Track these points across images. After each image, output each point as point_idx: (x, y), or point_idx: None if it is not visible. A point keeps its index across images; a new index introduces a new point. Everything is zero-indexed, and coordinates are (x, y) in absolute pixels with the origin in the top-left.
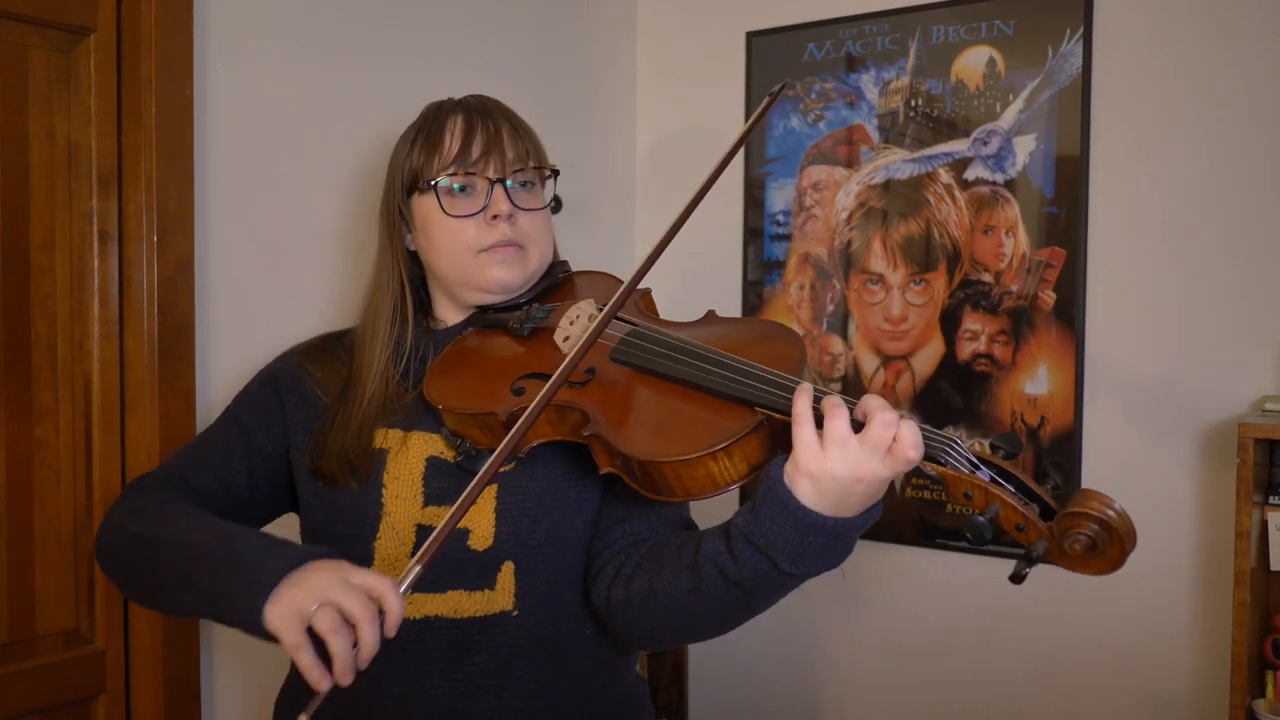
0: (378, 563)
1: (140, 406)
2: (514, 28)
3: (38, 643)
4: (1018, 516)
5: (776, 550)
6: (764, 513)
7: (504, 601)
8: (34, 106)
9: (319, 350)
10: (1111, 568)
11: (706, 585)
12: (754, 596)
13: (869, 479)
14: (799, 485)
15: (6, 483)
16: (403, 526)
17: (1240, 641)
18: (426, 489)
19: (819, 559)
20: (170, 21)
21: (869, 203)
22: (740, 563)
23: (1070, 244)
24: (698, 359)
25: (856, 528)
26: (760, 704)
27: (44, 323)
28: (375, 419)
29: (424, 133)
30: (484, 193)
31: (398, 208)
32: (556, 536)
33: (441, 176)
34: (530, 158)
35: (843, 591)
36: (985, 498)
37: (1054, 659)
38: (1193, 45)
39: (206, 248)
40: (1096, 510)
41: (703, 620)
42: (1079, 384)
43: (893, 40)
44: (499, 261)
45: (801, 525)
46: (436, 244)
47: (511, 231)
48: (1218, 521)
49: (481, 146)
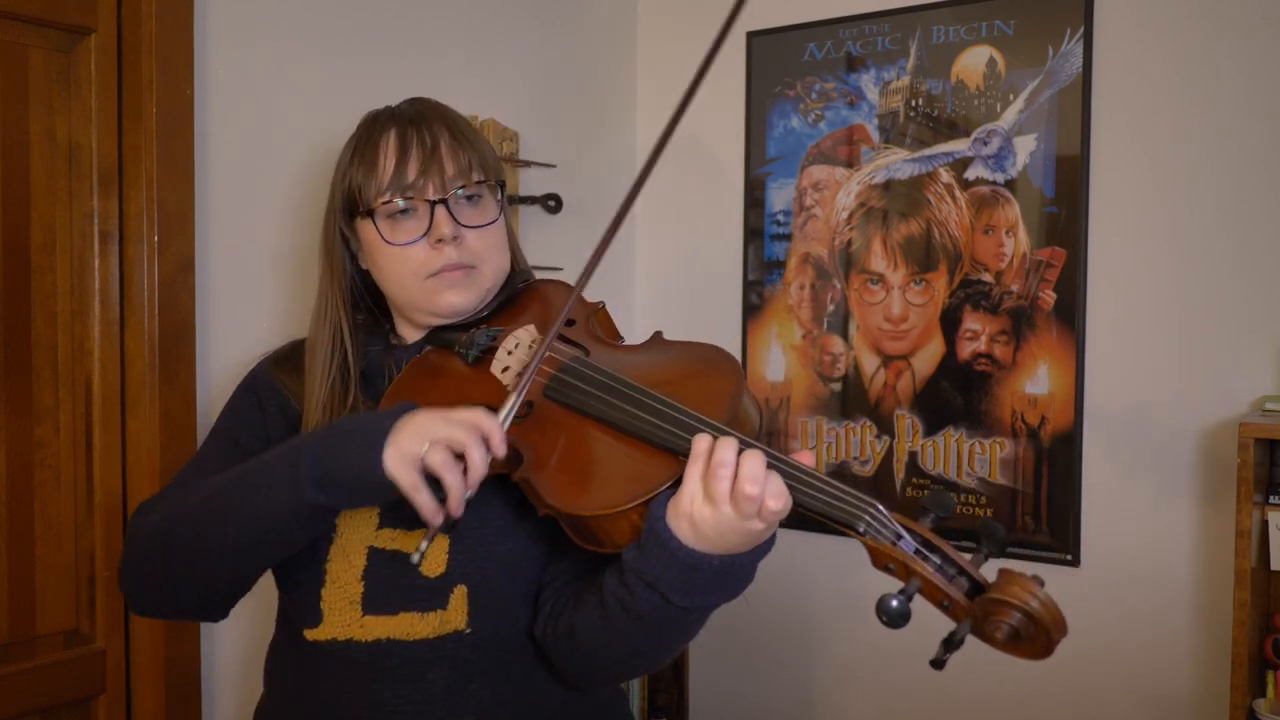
0: (329, 583)
1: (140, 406)
2: (514, 28)
3: (38, 643)
4: (940, 595)
5: (665, 586)
6: (649, 550)
7: (457, 621)
8: (34, 106)
9: (288, 360)
10: (1041, 655)
11: (613, 620)
12: (660, 628)
13: (741, 530)
14: (679, 526)
15: (6, 483)
16: (353, 549)
17: (1240, 641)
18: (382, 511)
19: (712, 592)
20: (170, 21)
21: (869, 203)
22: (635, 597)
23: (1070, 244)
24: (627, 401)
25: (745, 562)
26: (760, 704)
27: (44, 323)
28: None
29: (359, 151)
30: (426, 214)
31: (338, 229)
32: (510, 565)
33: (378, 203)
34: (473, 169)
35: (843, 591)
36: (906, 573)
37: (1054, 658)
38: (1193, 45)
39: (206, 248)
40: (1018, 600)
41: (618, 655)
42: (1079, 384)
43: (893, 40)
44: (448, 286)
45: (684, 564)
46: (383, 270)
47: (458, 254)
48: (1218, 521)
49: (418, 166)
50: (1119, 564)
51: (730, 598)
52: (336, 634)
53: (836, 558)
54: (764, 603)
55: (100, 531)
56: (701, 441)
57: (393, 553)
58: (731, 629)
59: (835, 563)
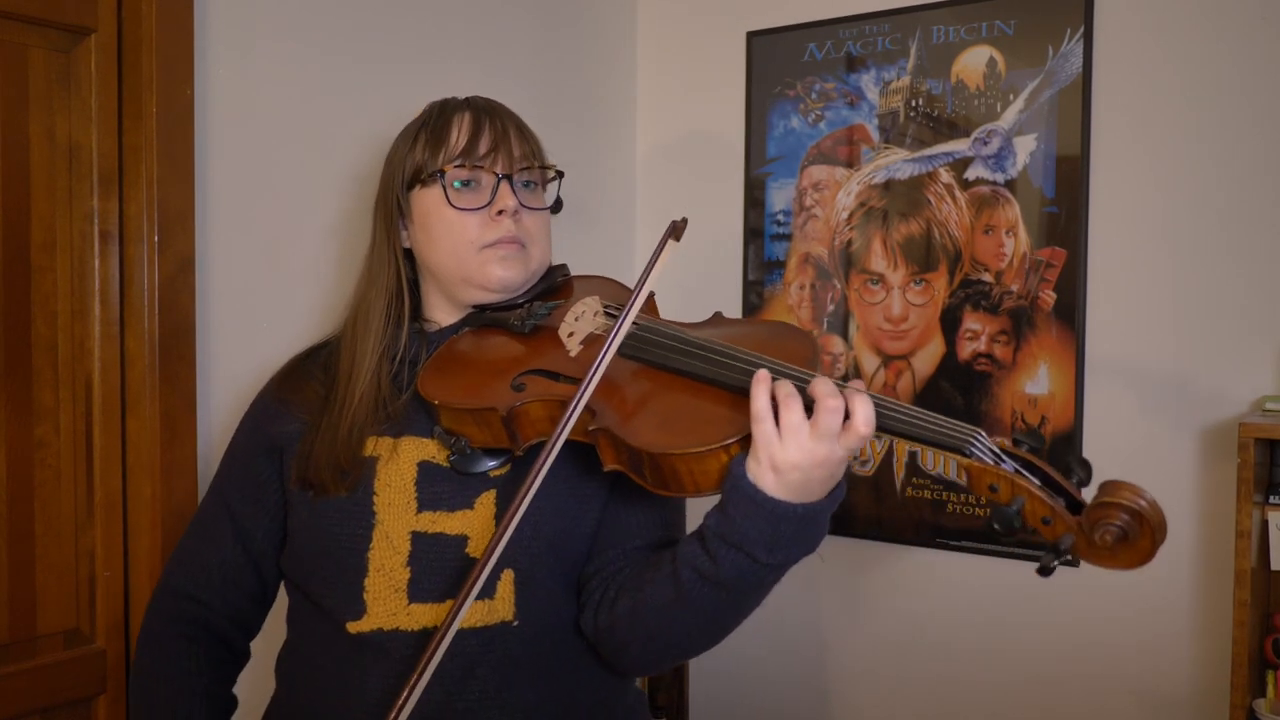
0: (372, 572)
1: (140, 406)
2: (514, 28)
3: (38, 643)
4: (1044, 509)
5: (752, 543)
6: (733, 510)
7: (504, 611)
8: (34, 106)
9: (290, 375)
10: (1141, 561)
11: (688, 591)
12: (737, 594)
13: (826, 462)
14: (763, 478)
15: (6, 483)
16: (396, 534)
17: (1240, 641)
18: (419, 495)
19: (795, 545)
20: (170, 21)
21: (869, 202)
22: (718, 562)
23: (1070, 244)
24: (710, 352)
25: (824, 509)
26: (760, 704)
27: (44, 323)
28: (366, 422)
29: (429, 127)
30: (489, 188)
31: (396, 201)
32: (556, 545)
33: (448, 168)
34: (535, 158)
35: (843, 591)
36: (1012, 489)
37: (1054, 659)
38: (1193, 45)
39: (206, 248)
40: (1128, 500)
41: (689, 630)
42: (1079, 384)
43: (893, 40)
44: (501, 258)
45: (772, 516)
46: (437, 239)
47: (515, 228)
48: (1218, 521)
49: (489, 142)
50: None
51: (808, 551)
52: (382, 624)
53: (838, 557)
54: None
55: (100, 531)
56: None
57: (436, 536)
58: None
59: (836, 562)
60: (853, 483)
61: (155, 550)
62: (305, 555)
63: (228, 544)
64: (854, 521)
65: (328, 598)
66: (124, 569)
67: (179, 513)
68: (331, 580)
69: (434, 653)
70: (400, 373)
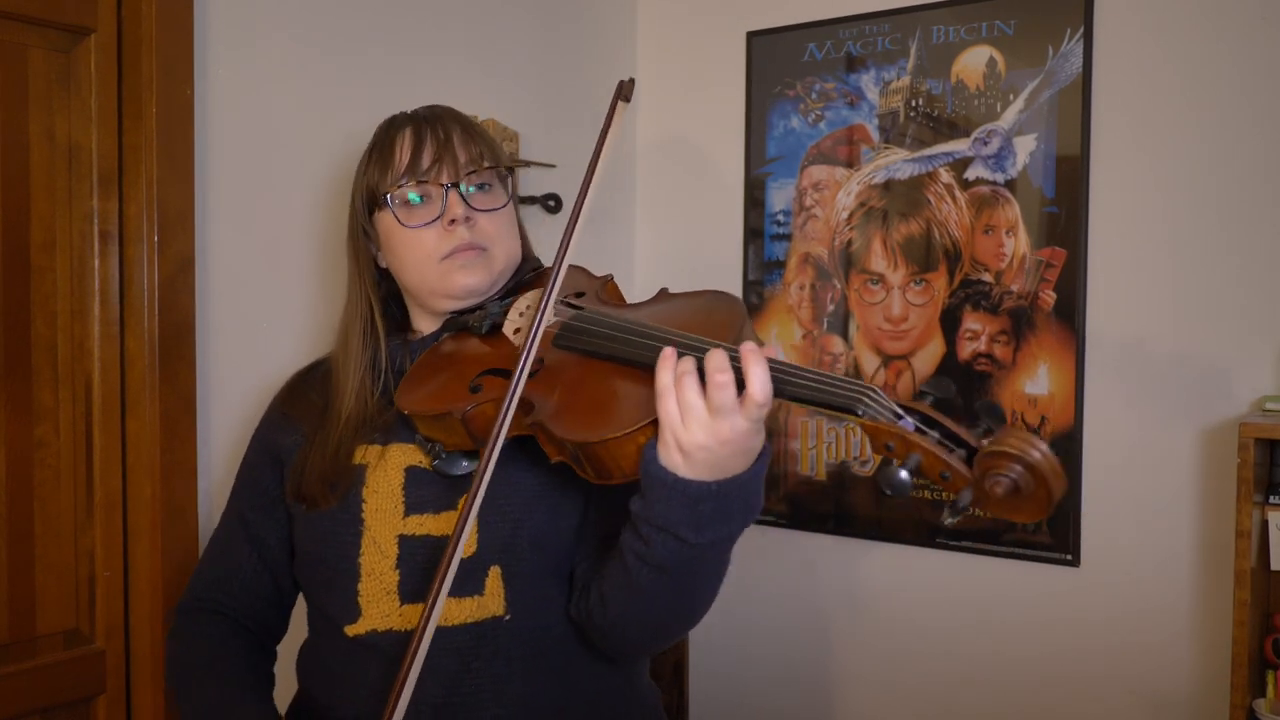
0: (364, 577)
1: (140, 406)
2: (514, 28)
3: (38, 643)
4: (940, 464)
5: (676, 525)
6: (650, 494)
7: (495, 606)
8: (34, 106)
9: (291, 392)
10: (1040, 512)
11: (635, 577)
12: (683, 575)
13: (730, 437)
14: (671, 459)
15: (6, 483)
16: (384, 539)
17: (1240, 641)
18: (407, 499)
19: (722, 522)
20: (170, 21)
21: (869, 202)
22: (651, 546)
23: (1070, 244)
24: (633, 334)
25: (745, 482)
26: (760, 704)
27: (44, 323)
28: (353, 438)
29: (376, 149)
30: (440, 200)
31: (362, 228)
32: (539, 542)
33: (394, 190)
34: (484, 159)
35: (843, 591)
36: (905, 447)
37: (1054, 658)
38: (1193, 45)
39: (206, 248)
40: (1016, 449)
41: (654, 611)
42: (1079, 384)
43: (893, 40)
44: (461, 266)
45: (687, 497)
46: (401, 257)
47: (470, 235)
48: (1218, 521)
49: (432, 155)
50: (1119, 564)
51: (742, 526)
52: (376, 625)
53: (838, 556)
54: (765, 601)
55: (100, 531)
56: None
57: (423, 538)
58: (732, 628)
59: (837, 562)
60: (853, 483)
61: (155, 550)
62: (306, 564)
63: (244, 553)
64: (854, 521)
65: (328, 604)
66: (124, 569)
67: (179, 513)
68: (329, 587)
69: (415, 651)
70: (390, 385)
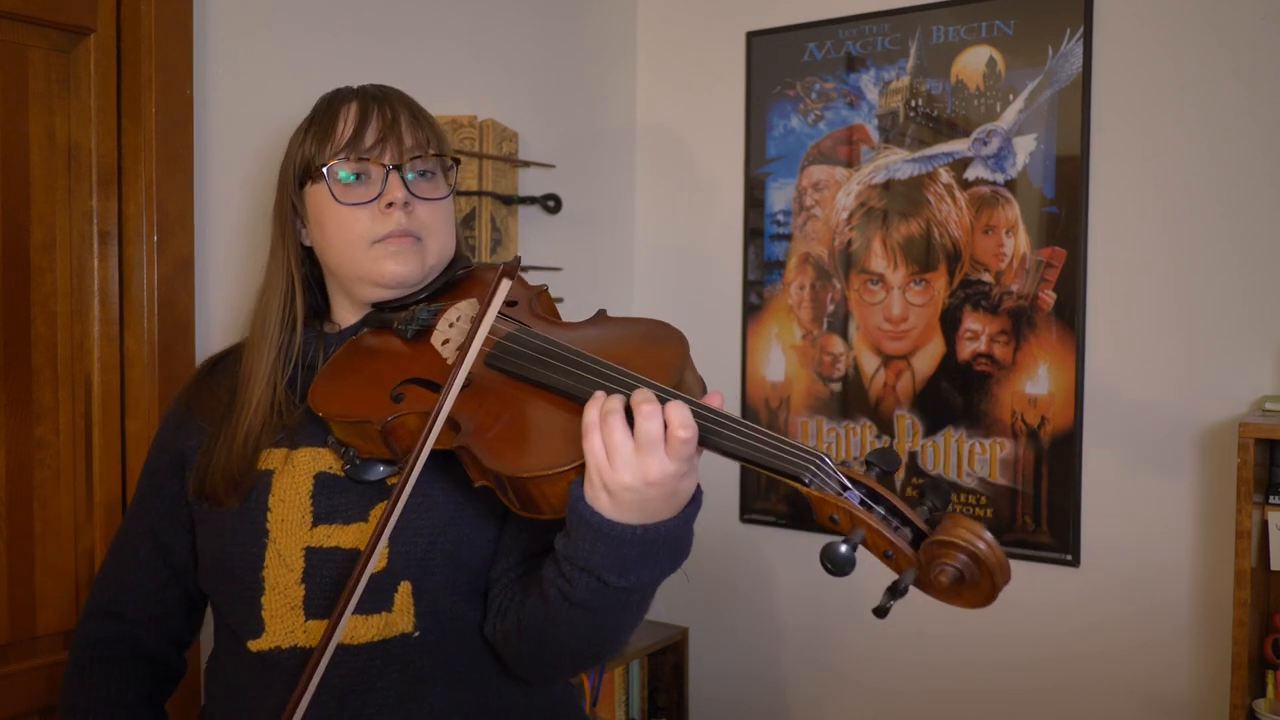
0: (268, 590)
1: (140, 406)
2: (514, 28)
3: (38, 643)
4: (885, 543)
5: (600, 568)
6: (574, 534)
7: (403, 623)
8: (34, 106)
9: (197, 383)
10: (983, 601)
11: (556, 612)
12: (605, 614)
13: (658, 478)
14: (598, 500)
15: (6, 483)
16: (289, 552)
17: (1240, 641)
18: (315, 508)
19: (646, 568)
20: (170, 21)
21: (869, 203)
22: (573, 584)
23: (1070, 244)
24: (569, 364)
25: (673, 531)
26: (760, 704)
27: (44, 323)
28: (261, 431)
29: (316, 120)
30: (379, 180)
31: (290, 201)
32: (454, 557)
33: (333, 162)
34: (430, 145)
35: (843, 592)
36: (851, 521)
37: (1054, 658)
38: (1193, 45)
39: (206, 248)
40: (964, 540)
41: (569, 647)
42: (1079, 384)
43: (893, 40)
44: (393, 253)
45: (613, 540)
46: (330, 236)
47: (407, 221)
48: (1218, 521)
49: (377, 132)
50: (1119, 564)
51: (668, 571)
52: (280, 642)
53: None
54: (764, 603)
55: (100, 531)
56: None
57: (331, 550)
58: (731, 629)
59: None
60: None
61: None
62: (208, 573)
63: (149, 560)
64: None
65: (230, 616)
66: None
67: None
68: (231, 599)
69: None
70: (297, 378)
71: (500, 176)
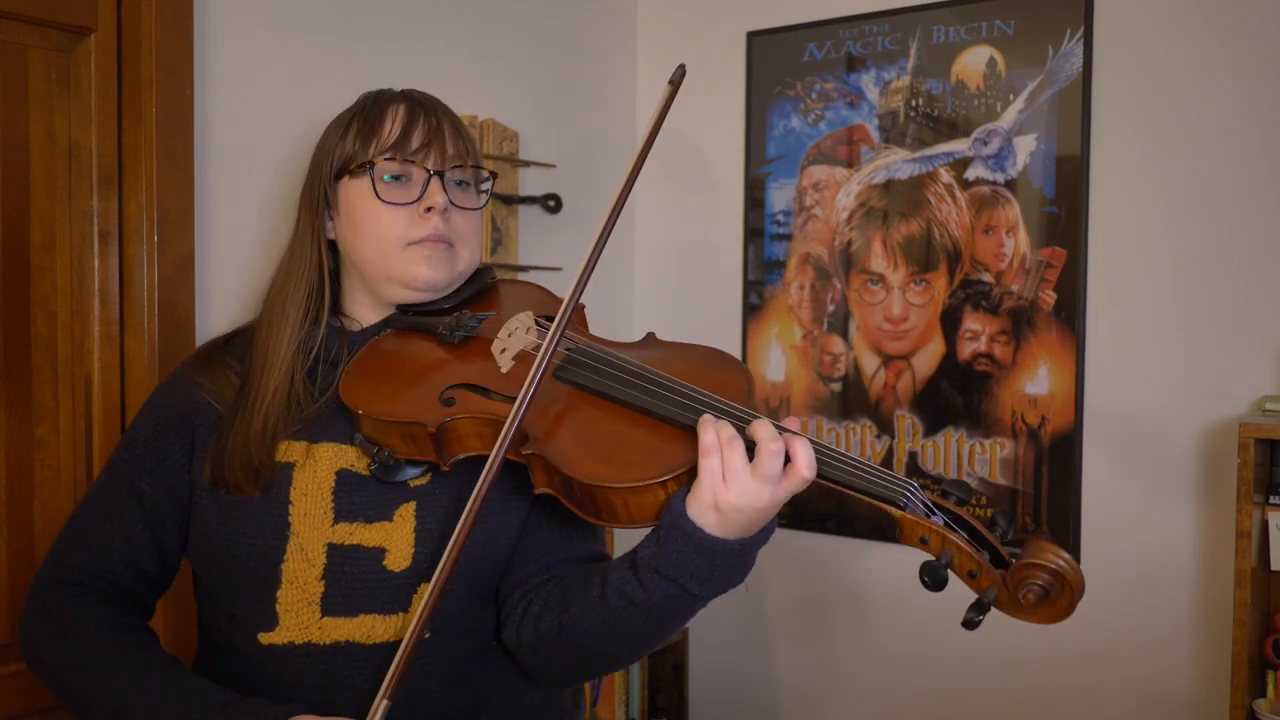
0: (285, 584)
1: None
2: (514, 28)
3: None
4: (971, 563)
5: (686, 577)
6: (670, 544)
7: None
8: (34, 106)
9: (205, 359)
10: (1060, 617)
11: (616, 616)
12: (665, 619)
13: (767, 505)
14: (704, 517)
15: (6, 483)
16: (312, 547)
17: (1240, 641)
18: (337, 505)
19: (726, 579)
20: (170, 21)
21: (869, 203)
22: (650, 591)
23: (1070, 244)
24: (647, 383)
25: (757, 545)
26: (760, 704)
27: (44, 323)
28: (279, 419)
29: (361, 117)
30: (420, 184)
31: (323, 191)
32: (475, 559)
33: (379, 160)
34: (469, 156)
35: (843, 592)
36: (942, 543)
37: (1054, 659)
38: (1193, 45)
39: (206, 248)
40: (1050, 561)
41: (614, 649)
42: (1079, 384)
43: (893, 40)
44: (426, 257)
45: (709, 552)
46: (363, 233)
47: (444, 227)
48: (1218, 521)
49: (423, 137)
50: (1119, 564)
51: (739, 581)
52: (294, 638)
53: (839, 559)
54: (765, 601)
55: None
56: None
57: (353, 547)
58: (732, 628)
59: (837, 563)
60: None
61: None
62: (216, 564)
63: (133, 524)
64: (854, 521)
65: (239, 607)
66: None
67: None
68: (243, 591)
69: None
70: (316, 371)
71: (500, 176)
